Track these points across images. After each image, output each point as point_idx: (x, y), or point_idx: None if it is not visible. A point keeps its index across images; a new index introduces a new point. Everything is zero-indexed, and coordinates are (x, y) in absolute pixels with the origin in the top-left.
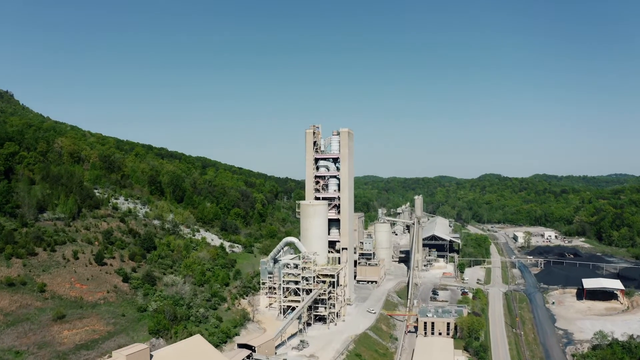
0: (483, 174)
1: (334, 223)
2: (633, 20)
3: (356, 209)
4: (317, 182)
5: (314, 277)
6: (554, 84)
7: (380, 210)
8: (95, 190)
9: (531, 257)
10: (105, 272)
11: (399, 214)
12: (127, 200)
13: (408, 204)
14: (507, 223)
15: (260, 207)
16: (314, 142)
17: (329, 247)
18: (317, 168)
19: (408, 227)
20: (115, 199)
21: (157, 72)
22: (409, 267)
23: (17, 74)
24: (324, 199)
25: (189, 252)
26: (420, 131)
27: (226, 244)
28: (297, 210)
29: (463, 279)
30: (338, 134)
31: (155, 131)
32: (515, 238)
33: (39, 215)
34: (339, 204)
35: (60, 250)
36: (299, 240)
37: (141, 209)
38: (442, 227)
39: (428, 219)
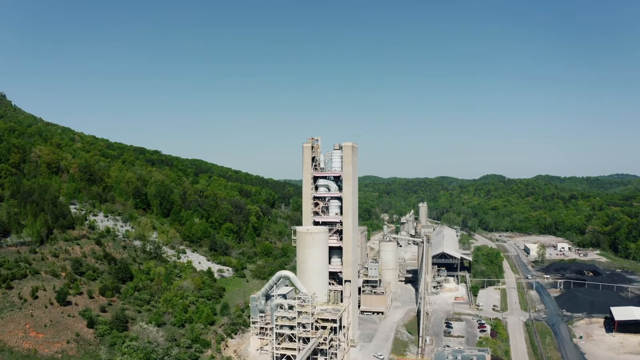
0: (485, 175)
1: (335, 251)
2: (636, 19)
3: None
4: (316, 204)
5: (312, 323)
6: (556, 83)
7: (385, 228)
8: (72, 206)
9: (548, 276)
10: (67, 314)
11: (403, 223)
12: (107, 216)
13: (412, 212)
14: (516, 231)
15: (254, 221)
16: (313, 158)
17: (329, 277)
18: (316, 188)
19: (413, 237)
20: (94, 215)
21: (155, 70)
22: (416, 289)
23: (10, 73)
24: (323, 223)
25: (171, 281)
26: (421, 131)
27: (215, 268)
28: (292, 237)
29: (477, 306)
30: (340, 148)
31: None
32: (527, 250)
33: (1, 240)
34: (341, 229)
35: (18, 286)
36: (295, 274)
37: (122, 226)
38: (450, 241)
39: (434, 229)
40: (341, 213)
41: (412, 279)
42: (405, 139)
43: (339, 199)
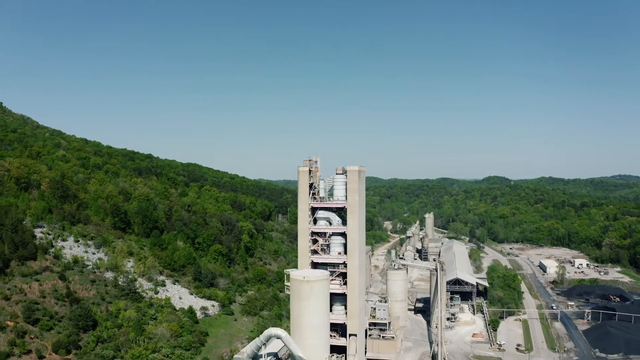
0: (487, 177)
1: (338, 298)
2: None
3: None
4: (315, 241)
5: None
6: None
7: (393, 253)
8: (38, 230)
9: (572, 303)
10: None
11: (408, 237)
12: (77, 241)
13: (417, 223)
14: (527, 242)
15: (247, 240)
16: (310, 185)
17: (331, 329)
18: (315, 221)
19: (419, 252)
20: (63, 240)
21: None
22: (428, 322)
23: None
24: (323, 264)
25: (143, 328)
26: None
27: (198, 304)
28: (285, 283)
29: (499, 345)
30: (344, 172)
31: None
32: (542, 268)
33: None
34: (346, 272)
35: None
36: (289, 333)
37: (94, 254)
38: (462, 261)
39: (442, 243)
40: (345, 252)
41: (423, 308)
42: (405, 139)
43: (343, 234)
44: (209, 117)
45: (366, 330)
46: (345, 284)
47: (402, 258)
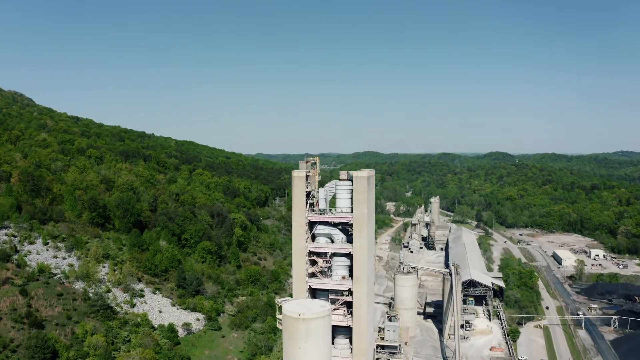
0: (489, 152)
1: (341, 330)
2: None
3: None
4: (313, 262)
5: None
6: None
7: (401, 254)
8: (2, 232)
9: (595, 306)
10: None
11: (414, 225)
12: (47, 244)
13: (422, 207)
14: (536, 227)
15: (239, 233)
16: (308, 194)
17: None
18: (313, 238)
19: (424, 239)
20: (30, 243)
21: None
22: (440, 330)
23: None
24: (322, 291)
25: (113, 356)
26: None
27: (180, 318)
28: (277, 316)
29: None
30: (349, 178)
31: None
32: (557, 260)
33: None
34: (351, 302)
35: None
36: None
37: (64, 259)
38: (475, 256)
39: (449, 230)
40: (350, 276)
41: (434, 313)
42: (405, 112)
43: (348, 255)
44: (207, 92)
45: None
46: (350, 313)
47: (406, 246)
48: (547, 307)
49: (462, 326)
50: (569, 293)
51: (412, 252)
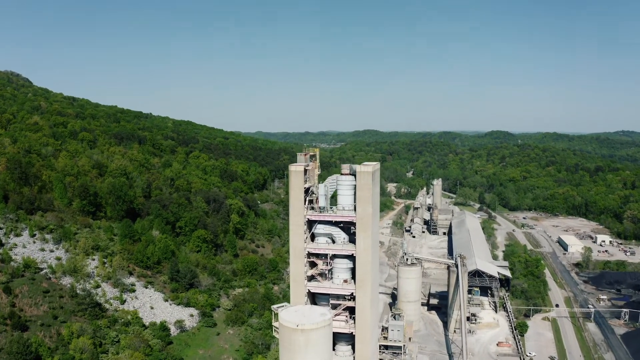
0: (490, 131)
1: (342, 336)
2: None
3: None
4: (313, 264)
5: None
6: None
7: (404, 244)
8: None
9: (604, 297)
10: None
11: (416, 209)
12: (34, 236)
13: (424, 189)
14: (540, 210)
15: (236, 220)
16: (307, 190)
17: None
18: (313, 237)
19: (427, 223)
20: (16, 235)
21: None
22: (445, 323)
23: None
24: (322, 295)
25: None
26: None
27: (173, 314)
28: (273, 323)
29: (530, 359)
30: (352, 173)
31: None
32: (563, 245)
33: None
34: (354, 307)
35: None
36: None
37: (52, 251)
38: (478, 242)
39: (452, 214)
40: (353, 278)
41: (439, 305)
42: (405, 90)
43: (351, 257)
44: (207, 71)
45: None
46: (352, 319)
47: (408, 230)
48: (557, 305)
49: (467, 319)
50: (576, 282)
51: (414, 236)
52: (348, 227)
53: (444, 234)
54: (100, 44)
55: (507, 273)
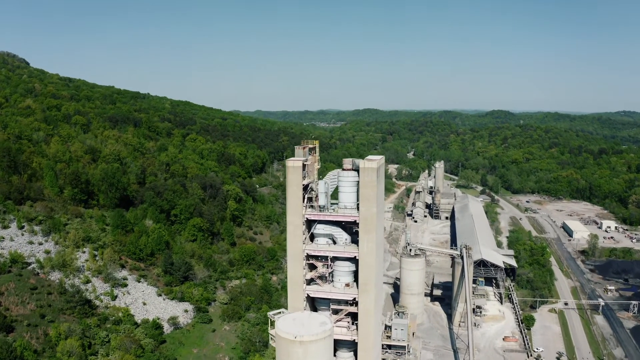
0: (491, 110)
1: (344, 343)
2: None
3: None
4: (312, 266)
5: None
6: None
7: (407, 234)
8: None
9: (612, 287)
10: None
11: (418, 192)
12: (22, 228)
13: (426, 172)
14: (543, 194)
15: (233, 207)
16: (305, 187)
17: None
18: (312, 237)
19: (429, 207)
20: (4, 227)
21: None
22: (448, 315)
23: None
24: (322, 300)
25: None
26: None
27: (167, 310)
28: (269, 331)
29: (537, 355)
30: (354, 168)
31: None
32: (567, 231)
33: None
34: (356, 313)
35: None
36: None
37: (40, 244)
38: (483, 228)
39: (455, 197)
40: (356, 281)
41: (442, 296)
42: (406, 68)
43: (353, 260)
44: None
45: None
46: (354, 324)
47: (410, 215)
48: (566, 303)
49: (472, 311)
50: (583, 271)
51: (416, 221)
52: (350, 227)
53: (447, 218)
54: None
55: (513, 262)
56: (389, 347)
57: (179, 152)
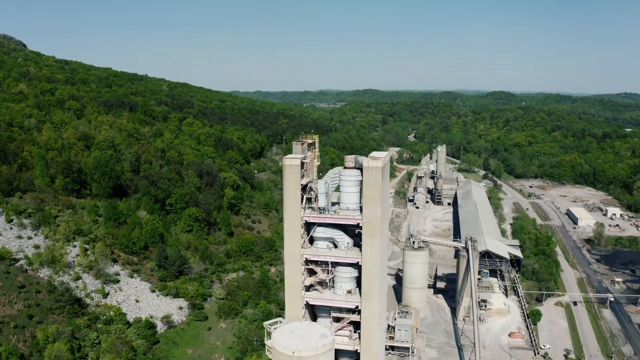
0: (492, 91)
1: (345, 353)
2: None
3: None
4: (311, 272)
5: None
6: None
7: (412, 226)
8: None
9: (619, 279)
10: None
11: (420, 178)
12: (10, 221)
13: (428, 156)
14: (547, 178)
15: (231, 194)
16: (304, 187)
17: None
18: (311, 240)
19: (431, 193)
20: None
21: None
22: (452, 309)
23: None
24: (323, 307)
25: None
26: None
27: (160, 307)
28: (266, 342)
29: (545, 355)
30: (357, 166)
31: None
32: (572, 218)
33: None
34: (359, 321)
35: None
36: None
37: (30, 238)
38: (486, 216)
39: (457, 183)
40: (358, 287)
41: (446, 288)
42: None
43: (356, 265)
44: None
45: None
46: (356, 333)
47: (411, 200)
48: (575, 303)
49: (477, 303)
50: (589, 261)
51: (417, 207)
52: (352, 229)
53: (449, 204)
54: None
55: (518, 253)
56: (392, 348)
57: (175, 138)
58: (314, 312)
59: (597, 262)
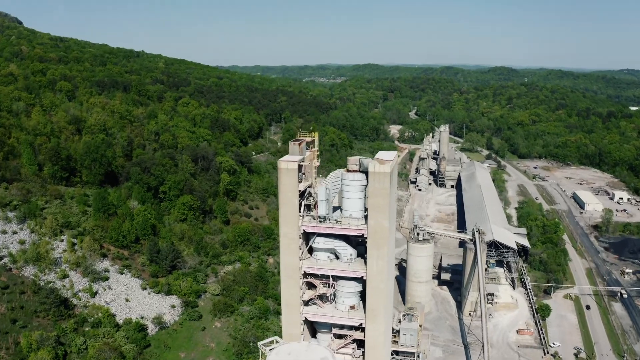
0: (494, 67)
1: None
2: None
3: (362, 135)
4: (311, 285)
5: None
6: None
7: (415, 216)
8: None
9: (629, 270)
10: None
11: (422, 159)
12: None
13: (431, 135)
14: (551, 159)
15: (227, 180)
16: (303, 193)
17: None
18: (311, 251)
19: (434, 174)
20: None
21: None
22: (458, 302)
23: None
24: (324, 323)
25: None
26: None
27: (152, 307)
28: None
29: (554, 355)
30: (361, 170)
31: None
32: (578, 201)
33: None
34: (363, 340)
35: None
36: None
37: (15, 233)
38: (492, 202)
39: (461, 165)
40: (362, 300)
41: (451, 280)
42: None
43: (360, 280)
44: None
45: None
46: (360, 350)
47: (414, 182)
48: (587, 307)
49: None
50: (597, 249)
51: (420, 190)
52: (356, 238)
53: (452, 186)
54: None
55: (526, 242)
56: (396, 353)
57: (169, 119)
58: (313, 326)
59: (605, 250)
